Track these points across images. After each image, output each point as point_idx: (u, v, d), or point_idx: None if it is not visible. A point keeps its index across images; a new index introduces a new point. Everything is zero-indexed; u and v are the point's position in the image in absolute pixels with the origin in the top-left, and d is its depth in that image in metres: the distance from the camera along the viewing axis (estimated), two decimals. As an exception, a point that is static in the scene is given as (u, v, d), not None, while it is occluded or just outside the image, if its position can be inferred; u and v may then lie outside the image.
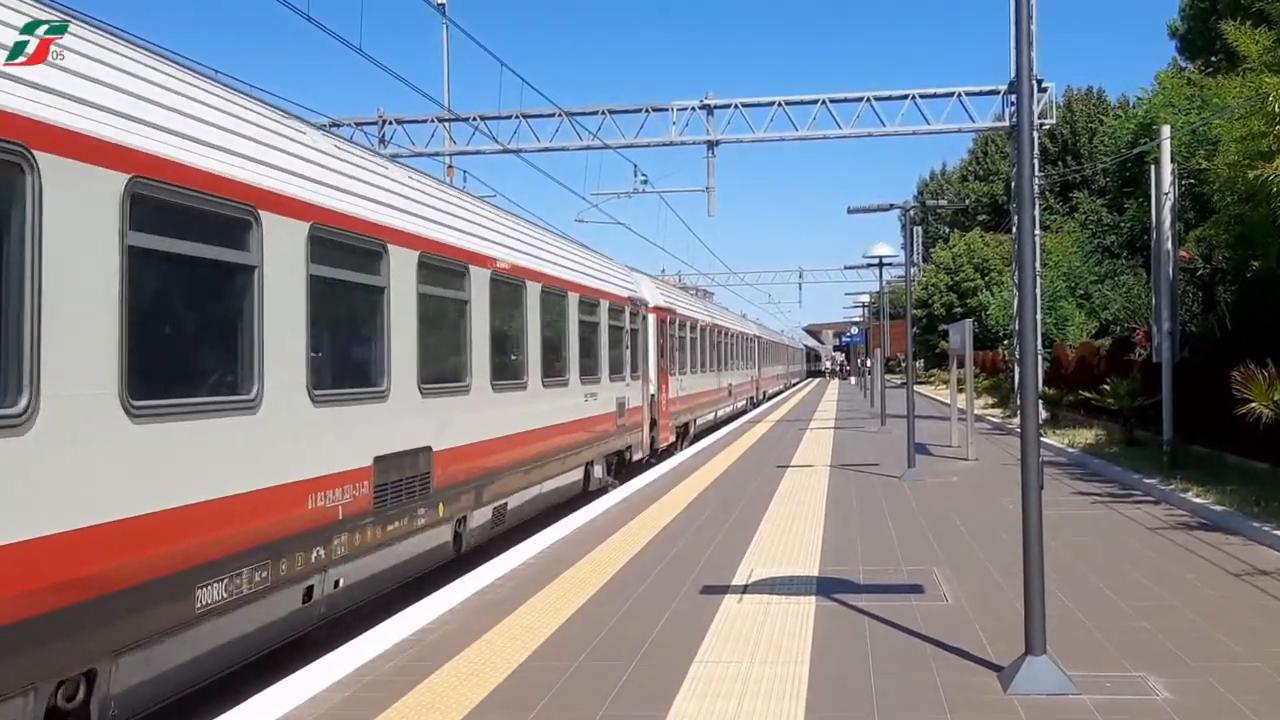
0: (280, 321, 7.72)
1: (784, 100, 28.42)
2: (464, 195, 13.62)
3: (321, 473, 8.19)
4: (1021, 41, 6.82)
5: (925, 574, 9.64)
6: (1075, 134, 55.01)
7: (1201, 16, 31.42)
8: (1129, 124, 26.56)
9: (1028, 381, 6.70)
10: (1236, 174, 14.88)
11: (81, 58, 6.08)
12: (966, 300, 60.16)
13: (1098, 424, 24.22)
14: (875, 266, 27.60)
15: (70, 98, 5.84)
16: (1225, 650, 7.07)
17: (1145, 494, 14.90)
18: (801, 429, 29.93)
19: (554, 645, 7.43)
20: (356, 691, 6.48)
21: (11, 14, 5.66)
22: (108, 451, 5.96)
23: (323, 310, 8.38)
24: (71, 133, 5.78)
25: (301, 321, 8.05)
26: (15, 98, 5.42)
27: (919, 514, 13.38)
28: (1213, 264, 21.53)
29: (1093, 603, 8.42)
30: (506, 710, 6.07)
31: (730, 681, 6.51)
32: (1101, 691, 6.18)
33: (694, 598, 8.81)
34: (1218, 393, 14.44)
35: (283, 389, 7.71)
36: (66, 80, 5.86)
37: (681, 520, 13.00)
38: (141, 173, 6.32)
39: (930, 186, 79.96)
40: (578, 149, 29.27)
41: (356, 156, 9.85)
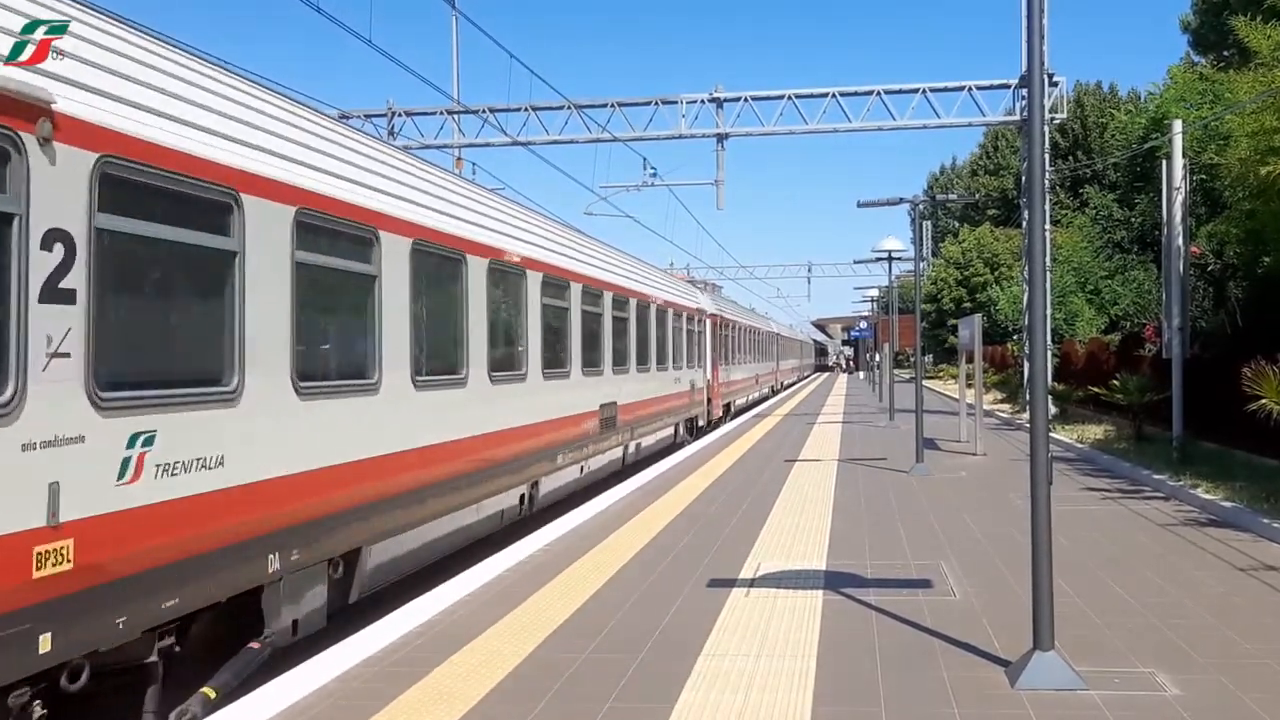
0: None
1: (794, 93, 28.30)
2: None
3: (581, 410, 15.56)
4: (1033, 35, 6.80)
5: (933, 569, 9.64)
6: (1086, 129, 54.80)
7: (1214, 11, 31.22)
8: (1140, 118, 26.50)
9: (1037, 377, 6.68)
10: (1248, 169, 14.85)
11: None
12: (976, 295, 60.01)
13: (1107, 420, 24.17)
14: (884, 261, 27.52)
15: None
16: (1234, 647, 7.05)
17: (1155, 490, 14.87)
18: (810, 423, 29.91)
19: (563, 636, 7.45)
20: (366, 681, 6.50)
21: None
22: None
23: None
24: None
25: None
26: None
27: (927, 509, 13.37)
28: (1224, 259, 21.48)
29: (1101, 599, 8.41)
30: (515, 700, 6.09)
31: (737, 674, 6.52)
32: (1110, 687, 6.17)
33: (701, 590, 8.82)
34: (1228, 389, 14.39)
35: (576, 366, 15.47)
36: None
37: (691, 511, 13.00)
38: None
39: (940, 181, 79.70)
40: (587, 141, 29.22)
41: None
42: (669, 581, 9.19)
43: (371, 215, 9.11)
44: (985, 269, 62.52)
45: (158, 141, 6.44)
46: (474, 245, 11.46)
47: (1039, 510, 6.35)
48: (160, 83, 6.74)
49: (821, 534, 11.52)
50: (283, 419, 7.66)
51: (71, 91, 5.78)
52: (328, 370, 8.77)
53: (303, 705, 6.09)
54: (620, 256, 21.02)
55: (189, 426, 6.56)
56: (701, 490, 15.23)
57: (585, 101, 29.02)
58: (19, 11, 5.62)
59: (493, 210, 12.98)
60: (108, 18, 6.60)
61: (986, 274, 61.38)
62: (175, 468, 6.37)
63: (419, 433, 9.84)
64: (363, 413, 8.84)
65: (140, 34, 6.92)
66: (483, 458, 11.44)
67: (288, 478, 7.58)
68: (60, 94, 5.65)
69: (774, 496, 14.50)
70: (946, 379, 61.08)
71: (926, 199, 23.94)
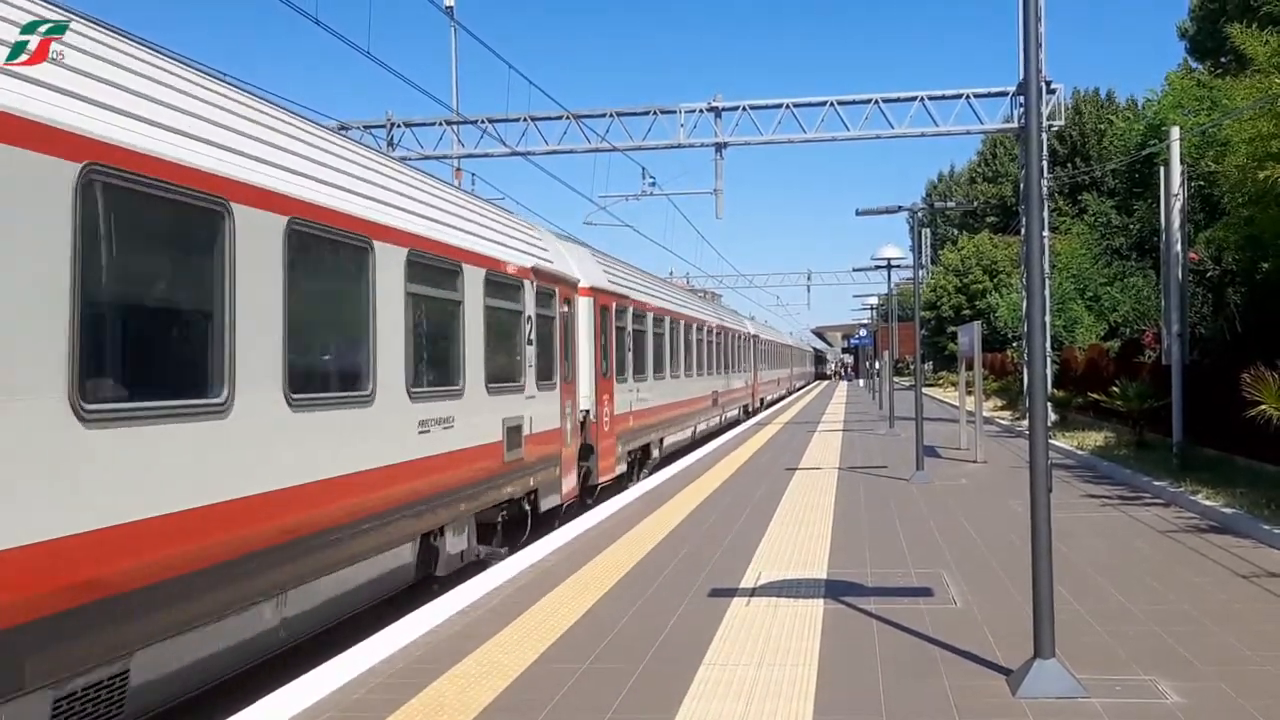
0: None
1: (792, 102, 28.37)
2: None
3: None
4: (1030, 43, 6.81)
5: (934, 577, 9.62)
6: (1084, 136, 54.90)
7: (1211, 18, 31.34)
8: (1138, 125, 26.49)
9: (1036, 384, 6.68)
10: (1246, 175, 14.86)
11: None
12: (975, 302, 60.02)
13: (1107, 426, 24.15)
14: (883, 269, 27.56)
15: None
16: (1236, 654, 7.04)
17: (1155, 496, 14.86)
18: (810, 431, 29.90)
19: (564, 646, 7.44)
20: (365, 694, 6.49)
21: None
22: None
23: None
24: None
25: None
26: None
27: (927, 516, 13.36)
28: (1222, 265, 21.49)
29: (1102, 606, 8.39)
30: (515, 712, 6.08)
31: (739, 684, 6.51)
32: (1111, 695, 6.16)
33: (702, 599, 8.81)
34: (1228, 395, 14.39)
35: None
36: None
37: (693, 519, 13.00)
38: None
39: (938, 188, 79.80)
40: (585, 151, 29.27)
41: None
42: (670, 591, 9.18)
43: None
44: (984, 276, 62.51)
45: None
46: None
47: (1039, 517, 6.34)
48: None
49: (822, 542, 11.51)
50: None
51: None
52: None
53: (303, 717, 6.08)
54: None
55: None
56: (702, 499, 15.21)
57: (584, 111, 29.08)
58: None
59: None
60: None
61: (986, 281, 61.38)
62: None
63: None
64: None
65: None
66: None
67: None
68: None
69: (774, 505, 14.48)
70: (946, 386, 61.09)
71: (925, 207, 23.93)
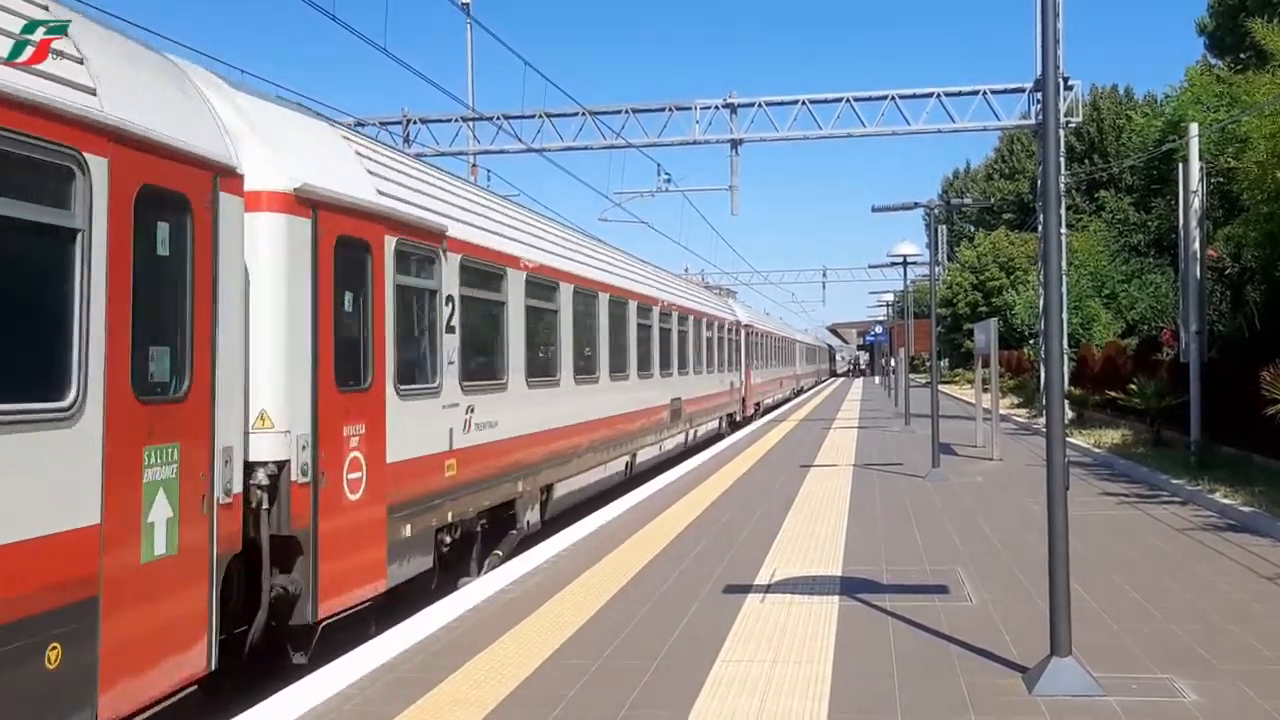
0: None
1: (808, 99, 28.28)
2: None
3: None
4: (1048, 39, 6.78)
5: (949, 574, 9.60)
6: (1102, 132, 54.56)
7: (1230, 13, 31.09)
8: (1156, 122, 26.41)
9: (1053, 381, 6.66)
10: (1265, 172, 14.78)
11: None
12: (991, 299, 59.79)
13: (1124, 424, 24.04)
14: (899, 265, 27.47)
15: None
16: (1254, 653, 7.00)
17: (1172, 495, 14.78)
18: (825, 428, 29.85)
19: (578, 642, 7.45)
20: (380, 689, 6.52)
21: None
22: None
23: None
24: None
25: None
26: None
27: (943, 514, 13.32)
28: (1241, 263, 21.36)
29: (1119, 604, 8.36)
30: (529, 707, 6.09)
31: (753, 681, 6.51)
32: (1128, 694, 6.14)
33: (717, 596, 8.81)
34: (1246, 393, 14.31)
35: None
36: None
37: (707, 517, 12.99)
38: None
39: (955, 185, 79.42)
40: (601, 148, 29.23)
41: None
42: (685, 587, 9.19)
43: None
44: (1001, 273, 62.26)
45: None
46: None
47: (1056, 515, 6.32)
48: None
49: (837, 539, 11.49)
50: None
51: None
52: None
53: (320, 711, 6.11)
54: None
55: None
56: (717, 495, 15.21)
57: (599, 108, 29.07)
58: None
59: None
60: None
61: (1002, 278, 61.13)
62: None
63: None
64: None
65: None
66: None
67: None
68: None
69: (790, 502, 14.47)
70: (962, 384, 60.87)
71: (941, 203, 23.80)
